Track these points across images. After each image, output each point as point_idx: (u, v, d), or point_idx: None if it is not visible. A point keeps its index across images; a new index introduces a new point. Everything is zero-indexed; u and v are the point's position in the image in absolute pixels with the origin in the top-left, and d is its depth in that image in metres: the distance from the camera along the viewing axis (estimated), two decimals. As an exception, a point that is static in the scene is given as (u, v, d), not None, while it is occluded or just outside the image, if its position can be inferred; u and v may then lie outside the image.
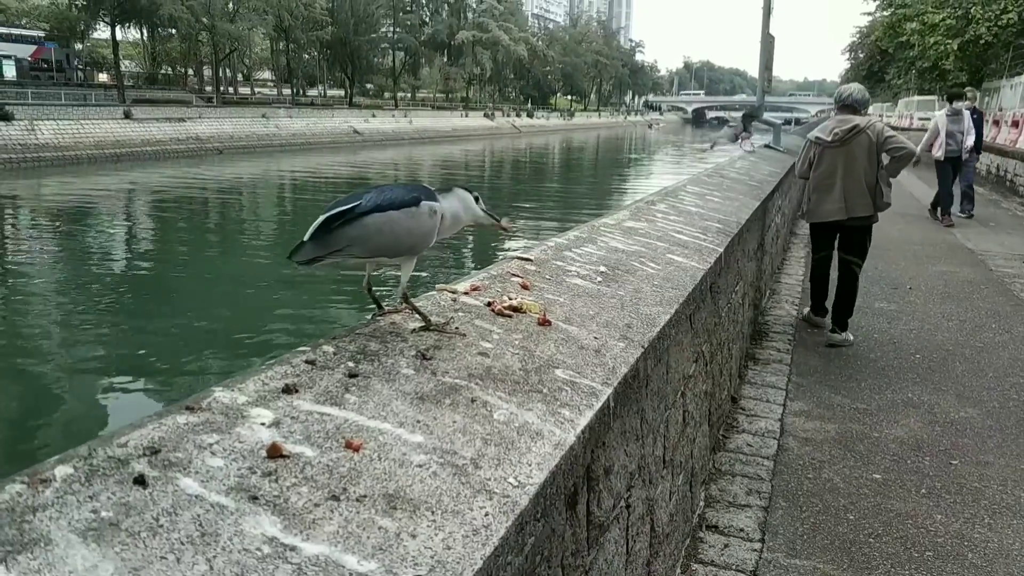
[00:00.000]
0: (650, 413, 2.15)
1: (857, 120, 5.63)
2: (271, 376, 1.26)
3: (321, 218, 1.46)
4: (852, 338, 5.77)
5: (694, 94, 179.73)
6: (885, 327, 6.19)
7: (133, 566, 0.78)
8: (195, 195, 27.20)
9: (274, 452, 1.03)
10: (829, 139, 5.66)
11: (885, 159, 5.66)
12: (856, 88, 5.90)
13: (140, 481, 0.91)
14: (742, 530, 3.16)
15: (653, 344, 1.92)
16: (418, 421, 1.21)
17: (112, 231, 20.05)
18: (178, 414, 1.08)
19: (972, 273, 8.31)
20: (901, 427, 4.28)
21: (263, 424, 1.10)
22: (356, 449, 1.08)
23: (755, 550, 3.03)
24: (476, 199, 1.67)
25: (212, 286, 13.87)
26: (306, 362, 1.34)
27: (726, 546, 3.04)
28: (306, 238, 1.47)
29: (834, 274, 5.98)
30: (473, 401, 1.33)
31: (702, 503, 3.32)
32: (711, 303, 3.34)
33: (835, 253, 5.98)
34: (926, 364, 5.34)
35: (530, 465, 1.18)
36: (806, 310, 6.36)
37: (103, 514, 0.84)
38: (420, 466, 1.08)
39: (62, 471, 0.90)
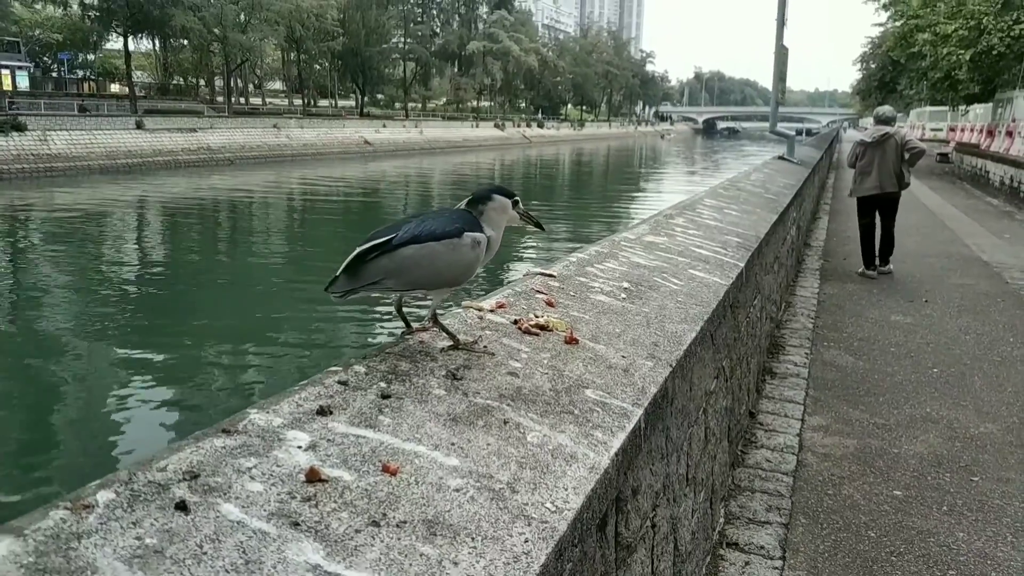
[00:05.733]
0: (674, 431, 2.14)
1: (887, 129, 8.63)
2: (305, 397, 1.26)
3: (356, 251, 1.42)
4: (892, 268, 8.81)
5: (709, 109, 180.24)
6: (902, 340, 6.15)
7: (180, 596, 0.77)
8: (213, 207, 27.24)
9: (312, 476, 1.02)
10: (869, 140, 8.61)
11: (907, 155, 8.46)
12: (888, 109, 9.21)
13: (182, 507, 0.90)
14: (763, 548, 3.13)
15: (680, 363, 1.91)
16: (452, 443, 1.21)
17: (133, 245, 19.97)
18: (215, 437, 1.08)
19: (988, 286, 8.26)
20: (920, 443, 4.24)
21: (300, 447, 1.09)
22: (393, 473, 1.08)
23: (776, 568, 3.00)
24: (516, 203, 1.58)
25: (233, 300, 13.82)
26: (339, 383, 1.34)
27: (747, 564, 3.01)
28: (339, 272, 1.43)
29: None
30: (506, 423, 1.32)
31: (722, 520, 3.29)
32: (731, 318, 3.33)
33: (876, 224, 8.82)
34: (944, 378, 5.30)
35: (566, 489, 1.17)
36: (860, 269, 8.84)
37: (147, 541, 0.83)
38: (457, 490, 1.08)
39: (104, 496, 0.90)
